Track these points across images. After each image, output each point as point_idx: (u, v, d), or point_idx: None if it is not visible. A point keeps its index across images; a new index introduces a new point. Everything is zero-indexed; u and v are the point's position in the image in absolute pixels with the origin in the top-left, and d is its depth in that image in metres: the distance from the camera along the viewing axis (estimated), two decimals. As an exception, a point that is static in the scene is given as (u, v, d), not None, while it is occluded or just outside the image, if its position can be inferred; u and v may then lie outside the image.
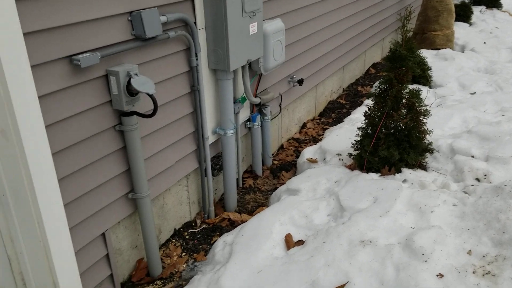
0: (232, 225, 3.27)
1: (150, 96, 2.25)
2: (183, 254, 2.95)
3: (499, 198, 2.65)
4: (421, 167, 3.32)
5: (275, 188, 3.73)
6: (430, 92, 5.09)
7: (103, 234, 2.47)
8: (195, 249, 3.00)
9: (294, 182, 3.35)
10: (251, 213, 3.43)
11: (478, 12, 9.37)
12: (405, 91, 3.16)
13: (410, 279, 2.23)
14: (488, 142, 3.51)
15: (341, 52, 5.30)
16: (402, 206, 2.75)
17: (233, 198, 3.43)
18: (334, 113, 5.17)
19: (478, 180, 3.10)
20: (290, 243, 2.68)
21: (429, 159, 3.43)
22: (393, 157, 3.15)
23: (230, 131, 3.20)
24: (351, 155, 3.45)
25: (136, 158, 2.47)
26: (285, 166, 4.06)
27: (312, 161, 3.78)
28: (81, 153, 2.22)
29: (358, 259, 2.40)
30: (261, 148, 3.86)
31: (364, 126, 3.33)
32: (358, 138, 3.39)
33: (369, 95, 3.22)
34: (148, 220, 2.63)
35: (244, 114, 3.61)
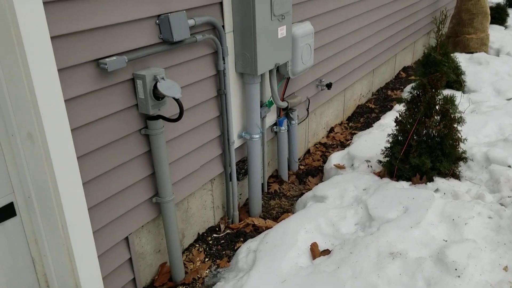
0: (256, 231, 3.21)
1: (176, 100, 2.22)
2: (206, 259, 2.92)
3: (539, 211, 2.51)
4: (454, 176, 3.19)
5: (301, 194, 3.66)
6: (464, 98, 4.91)
7: (127, 238, 2.46)
8: (218, 255, 2.95)
9: (320, 188, 3.27)
10: (276, 219, 3.37)
11: (514, 14, 9.05)
12: (439, 97, 3.04)
13: (442, 296, 2.13)
14: (526, 151, 3.35)
15: (371, 56, 5.18)
16: (434, 217, 2.63)
17: (257, 203, 3.38)
18: (363, 117, 5.06)
19: (515, 191, 2.95)
20: (315, 252, 2.60)
21: (462, 168, 3.29)
22: (425, 165, 3.03)
23: (256, 136, 3.14)
24: (380, 162, 3.35)
25: (161, 162, 2.44)
26: (312, 171, 3.98)
27: (339, 167, 3.69)
28: (106, 156, 2.20)
29: (387, 272, 2.31)
30: (287, 152, 3.79)
31: (395, 132, 3.23)
32: (388, 145, 3.29)
33: (399, 100, 3.11)
34: (172, 225, 2.60)
35: (271, 118, 3.55)
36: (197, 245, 3.03)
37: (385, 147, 3.31)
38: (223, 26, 2.76)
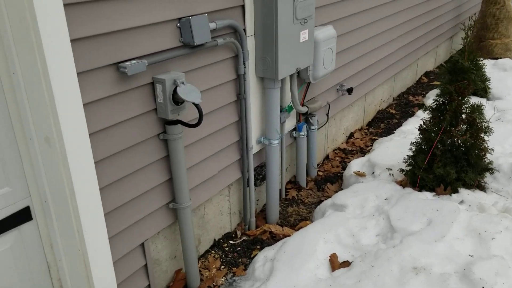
0: (273, 238, 3.15)
1: (196, 105, 2.17)
2: (222, 267, 2.86)
3: None
4: (480, 187, 3.08)
5: (319, 201, 3.58)
6: (489, 105, 4.77)
7: (142, 244, 2.41)
8: (234, 263, 2.90)
9: (340, 197, 3.19)
10: (294, 226, 3.30)
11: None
12: (465, 105, 2.94)
13: (469, 315, 2.03)
14: (556, 163, 3.22)
15: (393, 60, 5.07)
16: (459, 231, 2.53)
17: (275, 210, 3.31)
18: (383, 123, 4.95)
19: (544, 205, 2.83)
20: (335, 263, 2.53)
21: (488, 179, 3.18)
22: (449, 176, 2.93)
23: (275, 141, 3.08)
24: (402, 170, 3.25)
25: (179, 167, 2.40)
26: (330, 178, 3.90)
27: (359, 175, 3.60)
28: (124, 161, 2.16)
29: (409, 288, 2.22)
30: (306, 158, 3.72)
31: (418, 140, 3.13)
32: (411, 153, 3.19)
33: (423, 107, 3.02)
34: (188, 231, 2.55)
35: (290, 123, 3.49)
36: (213, 252, 2.97)
37: (407, 155, 3.21)
38: (244, 30, 2.70)
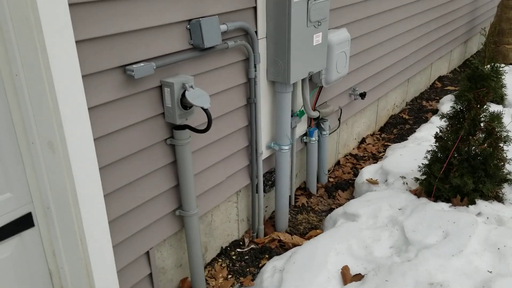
0: (282, 247, 3.05)
1: (205, 110, 2.09)
2: (229, 276, 2.77)
3: None
4: (497, 199, 2.96)
5: (330, 209, 3.48)
6: (505, 112, 4.63)
7: (147, 252, 2.34)
8: (242, 272, 2.81)
9: (352, 205, 3.08)
10: (303, 235, 3.21)
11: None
12: (484, 113, 2.82)
13: (488, 336, 1.93)
14: None
15: (406, 64, 4.96)
16: (477, 245, 2.43)
17: (284, 217, 3.22)
18: (396, 128, 4.84)
19: None
20: (347, 276, 2.43)
21: (506, 190, 3.06)
22: (466, 186, 2.82)
23: (286, 147, 2.99)
24: (417, 179, 3.14)
25: (186, 173, 2.32)
26: (342, 184, 3.80)
27: (372, 182, 3.50)
28: (130, 167, 2.09)
29: (425, 305, 2.12)
30: (316, 164, 3.62)
31: (435, 149, 3.02)
32: (426, 162, 3.08)
33: (434, 111, 2.91)
34: (195, 239, 2.47)
35: (301, 128, 3.39)
36: (220, 260, 2.89)
37: (422, 163, 3.10)
38: (256, 32, 2.62)
